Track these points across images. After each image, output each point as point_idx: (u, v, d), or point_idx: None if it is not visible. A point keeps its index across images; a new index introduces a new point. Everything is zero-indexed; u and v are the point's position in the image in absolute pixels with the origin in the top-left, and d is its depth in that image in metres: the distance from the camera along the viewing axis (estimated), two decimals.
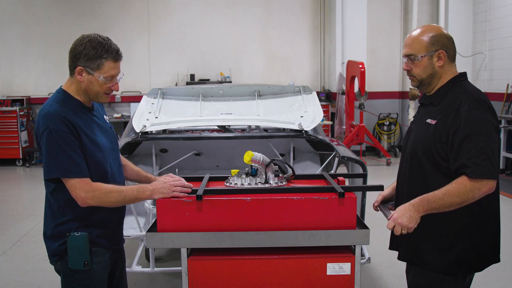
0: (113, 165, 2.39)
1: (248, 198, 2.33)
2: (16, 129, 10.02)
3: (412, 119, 2.52)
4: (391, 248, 2.57)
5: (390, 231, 2.28)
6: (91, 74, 2.23)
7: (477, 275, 2.40)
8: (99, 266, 2.32)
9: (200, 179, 2.69)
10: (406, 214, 2.17)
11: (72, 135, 2.17)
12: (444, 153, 2.18)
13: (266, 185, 2.46)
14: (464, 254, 2.23)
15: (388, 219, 2.24)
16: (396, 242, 2.48)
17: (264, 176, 2.50)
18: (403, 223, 2.15)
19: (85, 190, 2.17)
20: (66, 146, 2.15)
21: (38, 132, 2.22)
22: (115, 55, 2.25)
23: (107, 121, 2.51)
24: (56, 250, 2.28)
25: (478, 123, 2.11)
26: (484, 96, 2.25)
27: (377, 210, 2.63)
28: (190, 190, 2.35)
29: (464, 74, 2.34)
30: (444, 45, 2.28)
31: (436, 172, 2.22)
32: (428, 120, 2.27)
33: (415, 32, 2.34)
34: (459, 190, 2.08)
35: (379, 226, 5.60)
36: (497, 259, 2.35)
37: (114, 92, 2.41)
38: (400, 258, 2.49)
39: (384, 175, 8.71)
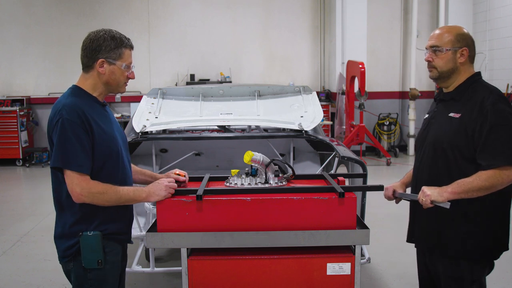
0: (125, 160, 2.42)
1: (248, 198, 2.33)
2: (16, 129, 10.02)
3: (427, 115, 2.61)
4: (409, 240, 2.66)
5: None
6: (113, 64, 2.31)
7: None
8: (113, 266, 2.33)
9: (200, 179, 2.69)
10: (436, 190, 2.27)
11: (84, 128, 2.19)
12: (471, 144, 2.29)
13: (266, 185, 2.46)
14: (486, 240, 2.34)
15: (418, 198, 2.31)
16: (415, 233, 2.58)
17: (264, 176, 2.50)
18: (433, 194, 2.24)
19: (81, 186, 2.17)
20: (75, 138, 2.16)
21: (51, 125, 2.23)
22: (130, 43, 2.39)
23: (117, 121, 2.57)
24: (68, 250, 2.27)
25: (503, 115, 2.25)
26: (501, 92, 2.40)
27: (396, 199, 2.69)
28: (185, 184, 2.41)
29: (479, 73, 2.49)
30: (468, 44, 2.44)
31: (462, 163, 2.32)
32: (451, 114, 2.38)
33: (443, 29, 2.48)
34: (488, 175, 2.20)
35: (379, 226, 5.63)
36: (507, 247, 2.46)
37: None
38: (420, 246, 2.58)
39: (384, 175, 8.71)
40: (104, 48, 2.29)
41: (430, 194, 2.25)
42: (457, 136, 2.33)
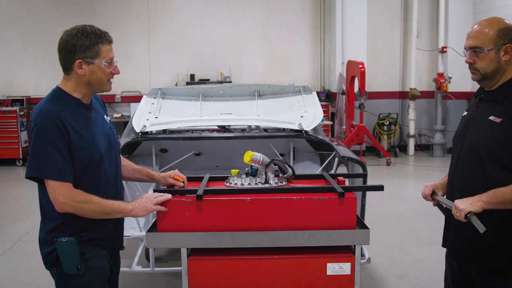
0: (109, 167, 2.31)
1: (248, 198, 2.33)
2: (16, 129, 10.01)
3: (465, 113, 2.45)
4: (444, 245, 2.53)
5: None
6: (92, 63, 2.18)
7: None
8: (96, 272, 2.26)
9: (200, 179, 2.69)
10: (469, 201, 2.15)
11: (61, 136, 2.10)
12: (510, 152, 2.14)
13: (266, 185, 2.46)
14: None
15: (452, 212, 2.19)
16: (449, 239, 2.45)
17: (264, 176, 2.50)
18: (466, 207, 2.11)
19: (64, 195, 2.09)
20: (51, 147, 2.07)
21: (29, 130, 2.18)
22: (108, 37, 2.24)
23: (108, 121, 2.44)
24: (49, 256, 2.24)
25: None
26: None
27: (433, 201, 2.52)
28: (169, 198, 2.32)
29: None
30: (511, 39, 2.21)
31: (499, 171, 2.17)
32: (491, 118, 2.21)
33: (481, 24, 2.25)
34: None
35: (379, 226, 5.64)
36: None
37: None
38: (454, 254, 2.45)
39: (384, 175, 8.71)
40: (79, 48, 2.15)
41: (463, 208, 2.12)
42: (495, 142, 2.17)
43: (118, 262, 2.55)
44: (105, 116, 2.43)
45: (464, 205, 2.13)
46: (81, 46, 2.15)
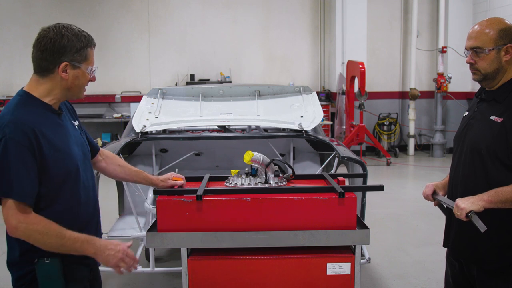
0: (86, 179, 2.10)
1: (248, 198, 2.33)
2: None
3: (466, 113, 2.45)
4: (445, 245, 2.52)
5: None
6: (78, 67, 1.97)
7: None
8: None
9: (200, 179, 2.69)
10: (470, 200, 2.14)
11: (31, 150, 1.84)
12: (511, 152, 2.14)
13: (266, 185, 2.46)
14: None
15: (453, 211, 2.19)
16: (450, 239, 2.44)
17: (264, 176, 2.50)
18: (467, 206, 2.11)
19: (18, 218, 1.82)
20: (18, 162, 1.82)
21: None
22: (94, 41, 2.05)
23: (77, 127, 2.17)
24: (23, 279, 1.95)
25: None
26: None
27: (434, 201, 2.52)
28: (135, 267, 2.06)
29: None
30: None
31: (501, 170, 2.17)
32: (492, 117, 2.22)
33: (482, 25, 2.25)
34: None
35: (379, 226, 5.63)
36: None
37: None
38: (455, 255, 2.44)
39: (384, 175, 8.71)
40: (70, 49, 1.93)
41: (464, 207, 2.11)
42: (496, 142, 2.17)
43: (99, 278, 2.31)
44: (75, 122, 2.17)
45: (465, 204, 2.13)
46: (72, 48, 1.94)
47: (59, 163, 1.93)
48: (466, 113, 2.47)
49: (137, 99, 9.47)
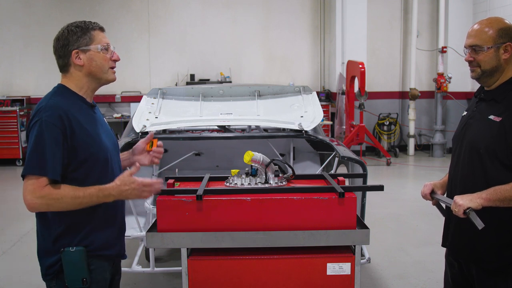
0: (115, 166, 2.24)
1: (248, 198, 2.33)
2: (16, 129, 10.01)
3: (465, 113, 2.46)
4: (444, 245, 2.52)
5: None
6: (88, 50, 2.13)
7: None
8: (100, 285, 2.16)
9: (200, 179, 2.69)
10: (468, 197, 2.14)
11: (63, 133, 2.00)
12: (510, 151, 2.14)
13: (266, 185, 2.46)
14: None
15: (451, 208, 2.19)
16: (449, 238, 2.44)
17: (264, 176, 2.50)
18: (465, 203, 2.11)
19: (35, 193, 1.96)
20: (53, 144, 1.98)
21: (29, 125, 2.06)
22: (97, 24, 2.20)
23: (107, 123, 2.39)
24: (51, 268, 2.12)
25: None
26: None
27: (432, 201, 2.51)
28: (160, 189, 2.20)
29: None
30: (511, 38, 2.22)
31: (500, 169, 2.18)
32: (491, 117, 2.22)
33: (481, 23, 2.27)
34: None
35: (379, 226, 5.64)
36: None
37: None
38: (454, 254, 2.44)
39: (384, 175, 8.71)
40: (71, 39, 2.11)
41: (462, 204, 2.12)
42: (495, 141, 2.17)
43: (119, 270, 2.44)
44: (104, 119, 2.39)
45: (464, 201, 2.13)
46: (73, 36, 2.11)
47: (88, 148, 2.08)
48: (465, 113, 2.47)
49: (137, 99, 9.47)
